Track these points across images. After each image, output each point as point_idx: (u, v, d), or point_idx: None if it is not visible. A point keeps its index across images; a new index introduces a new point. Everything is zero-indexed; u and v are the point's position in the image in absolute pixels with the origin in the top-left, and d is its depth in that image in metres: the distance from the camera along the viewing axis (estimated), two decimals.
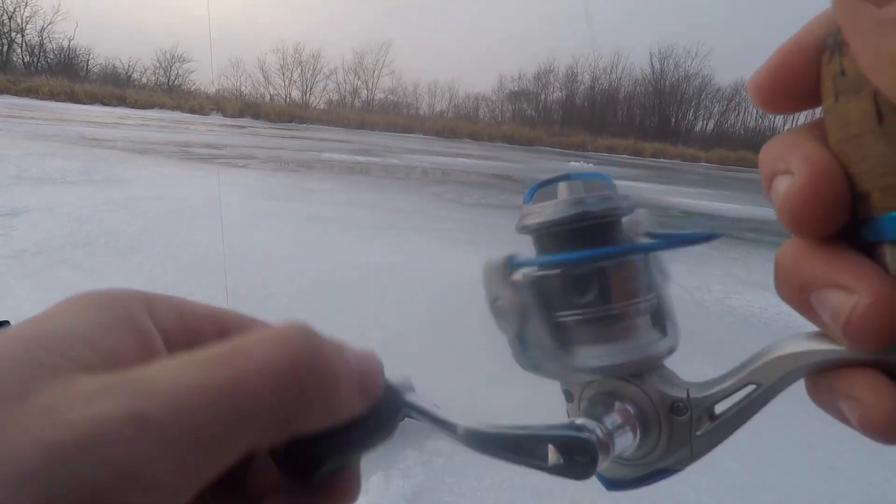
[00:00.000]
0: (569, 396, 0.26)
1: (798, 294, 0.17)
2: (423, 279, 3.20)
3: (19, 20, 41.48)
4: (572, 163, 19.83)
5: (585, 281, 0.23)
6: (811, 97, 0.17)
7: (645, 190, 10.78)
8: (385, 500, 1.36)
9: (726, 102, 54.58)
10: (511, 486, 1.47)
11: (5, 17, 40.77)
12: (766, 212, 9.49)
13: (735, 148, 44.69)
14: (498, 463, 0.30)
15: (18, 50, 42.16)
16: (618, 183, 0.25)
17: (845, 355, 0.17)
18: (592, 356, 0.24)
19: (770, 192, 0.17)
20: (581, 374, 0.24)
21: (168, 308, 0.19)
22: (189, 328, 0.19)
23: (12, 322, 1.02)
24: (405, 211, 5.67)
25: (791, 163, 0.16)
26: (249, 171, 7.96)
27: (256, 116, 34.56)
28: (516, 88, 56.28)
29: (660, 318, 0.25)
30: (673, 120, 53.82)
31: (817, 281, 0.16)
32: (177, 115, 29.13)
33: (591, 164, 19.64)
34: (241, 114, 34.53)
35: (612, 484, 0.25)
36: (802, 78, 0.17)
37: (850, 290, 0.16)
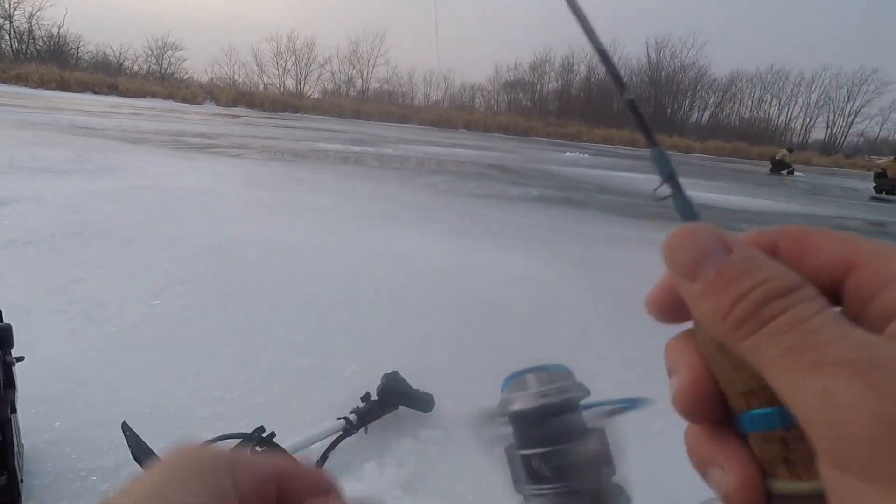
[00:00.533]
0: None
1: (698, 468, 0.21)
2: (417, 270, 3.20)
3: (7, 6, 40.74)
4: (568, 153, 19.80)
5: (538, 464, 0.29)
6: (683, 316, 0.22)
7: (640, 181, 10.79)
8: (379, 488, 1.37)
9: (721, 93, 54.49)
10: (505, 474, 1.48)
11: None
12: (761, 203, 9.53)
13: (730, 139, 44.71)
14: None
15: (7, 37, 41.46)
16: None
17: None
18: None
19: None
20: None
21: (248, 471, 0.22)
22: (259, 489, 0.22)
23: (3, 313, 1.00)
24: (400, 202, 5.65)
25: (678, 366, 0.21)
26: (243, 161, 7.90)
27: (250, 105, 34.23)
28: (512, 78, 56.00)
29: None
30: (669, 110, 53.72)
31: (707, 459, 0.20)
32: (169, 103, 28.81)
33: (586, 155, 19.61)
34: (234, 103, 34.17)
35: None
36: (672, 306, 0.21)
37: (726, 470, 0.20)
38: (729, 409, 0.20)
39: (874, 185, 15.38)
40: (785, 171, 19.89)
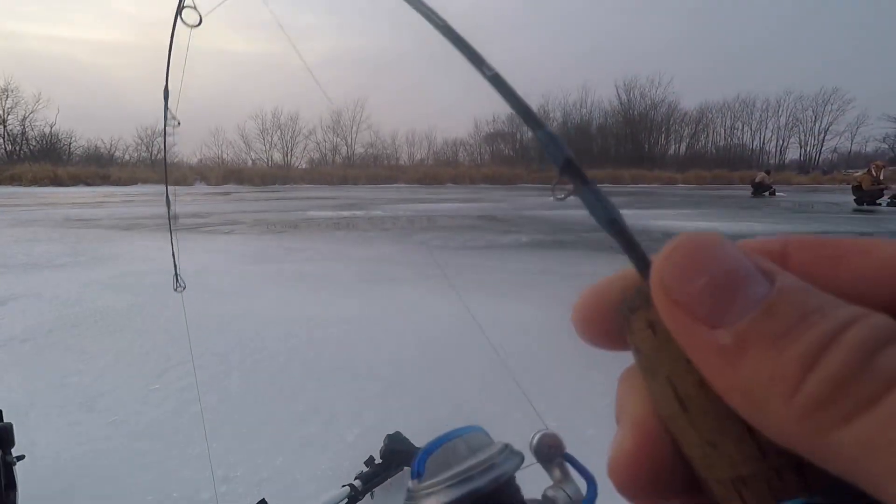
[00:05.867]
0: None
1: None
2: (413, 328, 3.23)
3: (0, 111, 42.28)
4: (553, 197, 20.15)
5: None
6: (622, 340, 0.16)
7: (629, 217, 10.94)
8: None
9: (694, 125, 56.52)
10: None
11: None
12: (746, 227, 9.69)
13: (709, 167, 45.90)
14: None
15: (0, 140, 42.75)
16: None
17: None
18: None
19: None
20: None
21: None
22: None
23: (3, 412, 1.04)
24: (392, 261, 5.73)
25: (622, 418, 0.15)
26: (235, 237, 8.02)
27: (240, 182, 35.00)
28: (492, 130, 57.83)
29: None
30: (646, 146, 55.38)
31: None
32: (161, 188, 29.30)
33: (572, 197, 19.94)
34: (224, 181, 34.94)
35: None
36: (607, 325, 0.16)
37: None
38: (698, 488, 0.14)
39: (854, 198, 15.75)
40: (767, 193, 20.38)
